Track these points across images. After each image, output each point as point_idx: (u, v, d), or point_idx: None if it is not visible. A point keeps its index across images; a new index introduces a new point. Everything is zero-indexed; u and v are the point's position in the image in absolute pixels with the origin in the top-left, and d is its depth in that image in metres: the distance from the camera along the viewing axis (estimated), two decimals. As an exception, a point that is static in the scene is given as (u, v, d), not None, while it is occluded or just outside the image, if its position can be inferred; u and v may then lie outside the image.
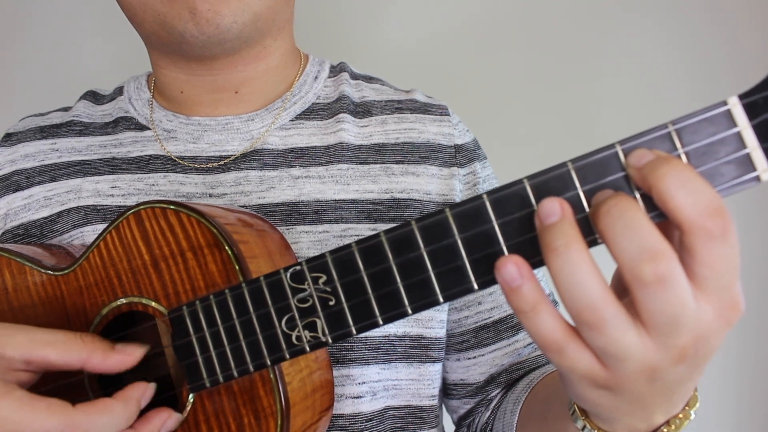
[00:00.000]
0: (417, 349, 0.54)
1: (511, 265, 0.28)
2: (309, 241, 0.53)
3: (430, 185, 0.57)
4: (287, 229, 0.53)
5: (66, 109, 0.64)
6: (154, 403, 0.40)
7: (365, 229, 0.54)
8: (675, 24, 1.00)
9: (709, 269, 0.26)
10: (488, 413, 0.59)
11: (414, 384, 0.55)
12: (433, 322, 0.55)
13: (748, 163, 0.26)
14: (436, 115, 0.61)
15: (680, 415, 0.33)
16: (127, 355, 0.37)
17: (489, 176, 0.61)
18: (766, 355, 1.00)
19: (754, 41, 0.98)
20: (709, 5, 0.99)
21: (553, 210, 0.27)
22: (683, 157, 0.27)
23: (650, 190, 0.26)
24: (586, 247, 0.27)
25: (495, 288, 0.58)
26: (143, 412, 0.38)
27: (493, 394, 0.59)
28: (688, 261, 0.26)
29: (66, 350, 0.36)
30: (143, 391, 0.38)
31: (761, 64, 0.98)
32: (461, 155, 0.59)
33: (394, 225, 0.53)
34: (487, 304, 0.59)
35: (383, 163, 0.57)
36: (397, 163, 0.57)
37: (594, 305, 0.26)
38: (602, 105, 1.02)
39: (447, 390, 0.61)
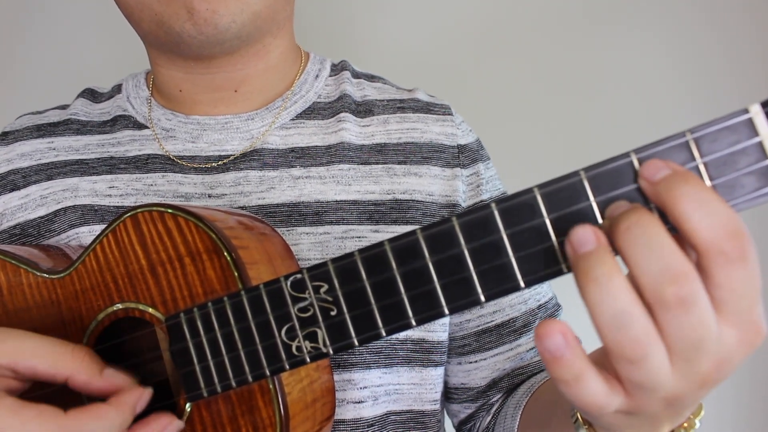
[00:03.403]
0: (419, 353, 0.54)
1: (557, 334, 0.26)
2: (309, 243, 0.52)
3: (433, 186, 0.56)
4: (287, 231, 0.52)
5: (63, 107, 0.63)
6: (152, 412, 0.39)
7: (367, 231, 0.53)
8: (682, 27, 0.99)
9: (727, 292, 0.25)
10: (489, 418, 0.58)
11: (416, 388, 0.54)
12: (435, 326, 0.55)
13: (770, 175, 0.25)
14: (438, 114, 0.60)
15: (685, 425, 0.32)
16: (110, 386, 0.36)
17: (492, 177, 0.60)
18: (764, 355, 0.99)
19: (757, 47, 0.97)
20: (714, 10, 0.98)
21: (588, 238, 0.26)
22: (702, 167, 0.26)
23: (664, 208, 0.25)
24: (626, 277, 0.26)
25: None
26: (142, 417, 0.36)
27: (494, 399, 0.58)
28: (706, 283, 0.25)
29: (53, 364, 0.35)
30: (138, 397, 0.36)
31: (763, 70, 0.97)
32: (464, 156, 0.58)
33: (396, 226, 0.54)
34: (489, 307, 0.58)
35: (385, 163, 0.56)
36: (399, 163, 0.56)
37: (639, 340, 0.25)
38: (609, 106, 1.01)
39: (448, 394, 0.61)
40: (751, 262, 0.25)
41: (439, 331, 0.55)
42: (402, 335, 0.53)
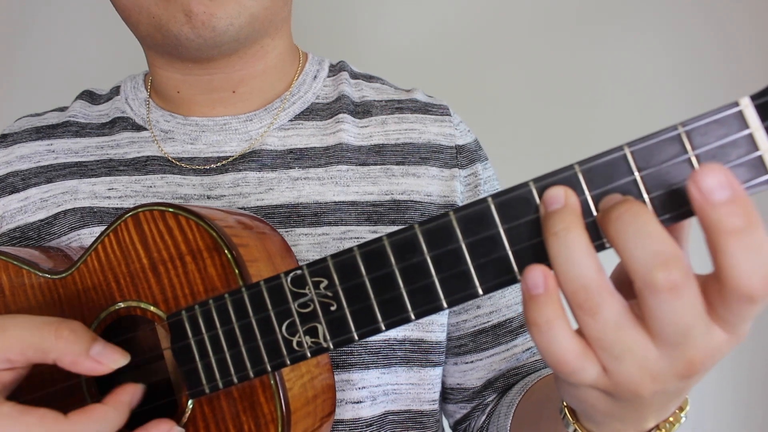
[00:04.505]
0: (417, 353, 0.54)
1: (538, 272, 0.27)
2: (308, 244, 0.52)
3: (431, 186, 0.56)
4: (286, 232, 0.52)
5: (62, 109, 0.64)
6: (154, 409, 0.39)
7: (365, 232, 0.54)
8: (677, 25, 1.00)
9: (736, 318, 0.25)
10: (484, 417, 0.58)
11: (414, 388, 0.54)
12: (433, 326, 0.55)
13: (760, 166, 0.26)
14: (437, 115, 0.60)
15: (671, 419, 0.32)
16: (99, 365, 0.35)
17: (490, 177, 0.61)
18: (763, 354, 1.00)
19: (752, 44, 0.98)
20: (707, 8, 0.99)
21: (557, 197, 0.27)
22: (693, 160, 0.26)
23: (706, 228, 0.25)
24: (586, 233, 0.27)
25: (495, 292, 0.58)
26: (143, 421, 0.37)
27: (489, 399, 0.58)
28: (716, 303, 0.25)
29: (39, 347, 0.34)
30: (132, 394, 0.37)
31: (760, 65, 0.98)
32: (462, 156, 0.59)
33: (395, 227, 0.54)
34: (485, 308, 0.58)
35: (383, 164, 0.56)
36: (398, 164, 0.57)
37: (588, 287, 0.26)
38: (608, 106, 1.01)
39: (444, 394, 0.61)
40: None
41: (437, 331, 0.55)
42: (400, 335, 0.53)
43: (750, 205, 0.24)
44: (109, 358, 0.36)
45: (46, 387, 0.42)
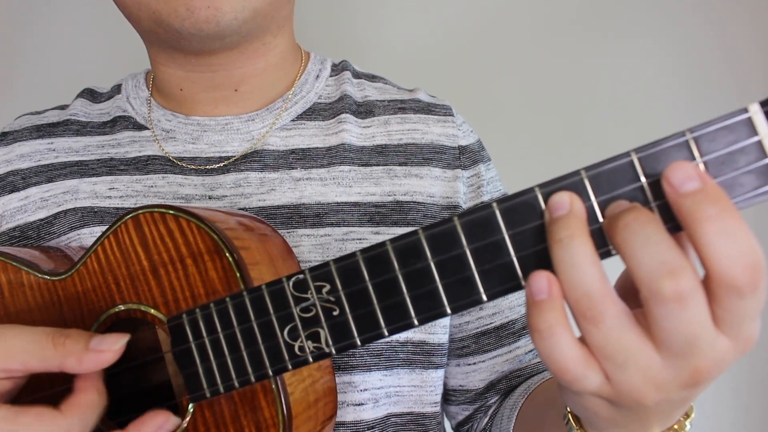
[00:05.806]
0: (419, 355, 0.54)
1: (543, 278, 0.27)
2: (310, 245, 0.52)
3: (434, 187, 0.56)
4: (288, 233, 0.52)
5: (63, 108, 0.63)
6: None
7: (368, 233, 0.53)
8: (681, 29, 0.99)
9: (730, 315, 0.25)
10: (486, 419, 0.58)
11: (416, 390, 0.54)
12: (435, 328, 0.55)
13: (768, 174, 0.25)
14: (439, 115, 0.60)
15: (675, 427, 0.32)
16: (102, 353, 0.35)
17: (493, 178, 0.60)
18: (764, 355, 1.00)
19: (753, 46, 0.98)
20: (711, 11, 0.99)
21: (562, 203, 0.27)
22: (701, 166, 0.26)
23: (683, 223, 0.25)
24: (591, 241, 0.26)
25: None
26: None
27: (491, 401, 0.58)
28: (709, 299, 0.25)
29: (42, 358, 0.35)
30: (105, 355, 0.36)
31: (761, 68, 0.97)
32: (465, 157, 0.58)
33: (397, 228, 0.54)
34: (488, 309, 0.58)
35: (386, 164, 0.56)
36: (400, 164, 0.56)
37: (591, 295, 0.26)
38: (610, 107, 1.01)
39: (446, 396, 0.61)
40: (762, 292, 0.24)
41: (439, 333, 0.55)
42: (403, 337, 0.53)
43: (722, 195, 0.25)
44: (109, 343, 0.36)
45: (45, 390, 0.42)
